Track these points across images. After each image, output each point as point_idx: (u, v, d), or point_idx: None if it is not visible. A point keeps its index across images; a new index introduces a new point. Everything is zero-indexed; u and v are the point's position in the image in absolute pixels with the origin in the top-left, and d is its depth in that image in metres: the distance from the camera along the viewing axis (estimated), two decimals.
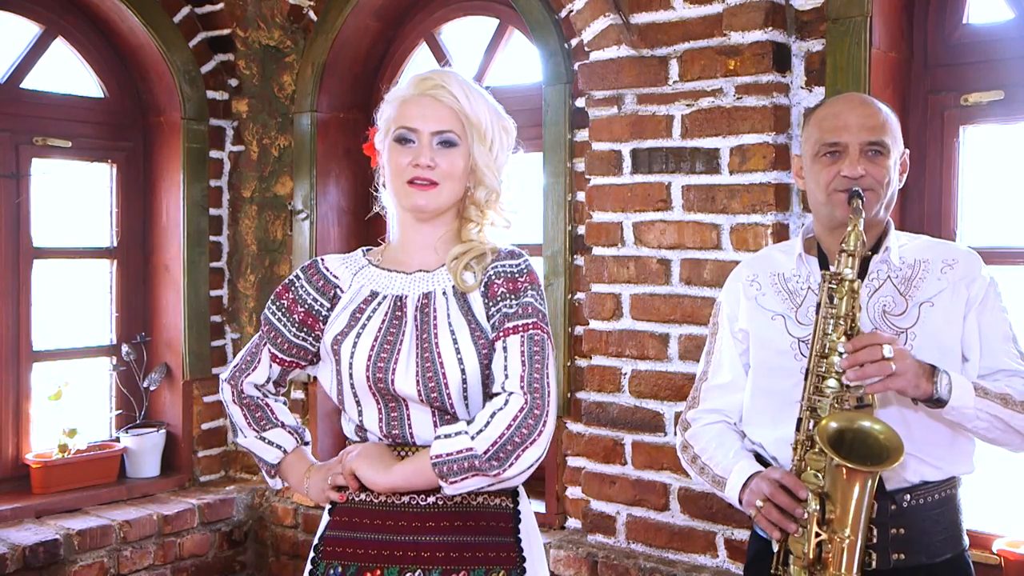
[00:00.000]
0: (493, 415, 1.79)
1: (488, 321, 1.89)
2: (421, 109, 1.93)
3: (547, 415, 1.81)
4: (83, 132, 4.04)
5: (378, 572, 1.88)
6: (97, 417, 4.13)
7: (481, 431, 1.77)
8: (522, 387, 1.81)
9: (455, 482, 1.78)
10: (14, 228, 3.83)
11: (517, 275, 1.92)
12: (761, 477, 1.97)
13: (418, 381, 1.86)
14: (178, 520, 3.85)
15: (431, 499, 1.88)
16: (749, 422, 2.15)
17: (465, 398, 1.88)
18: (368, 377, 1.89)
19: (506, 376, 1.83)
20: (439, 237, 1.98)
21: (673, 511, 3.07)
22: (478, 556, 1.88)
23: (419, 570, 1.86)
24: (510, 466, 1.77)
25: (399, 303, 1.94)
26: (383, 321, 1.93)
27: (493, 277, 1.91)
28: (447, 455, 1.78)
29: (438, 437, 1.81)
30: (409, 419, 1.90)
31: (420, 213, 1.95)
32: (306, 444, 2.14)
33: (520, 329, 1.86)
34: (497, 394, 1.82)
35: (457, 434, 1.79)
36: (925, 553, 1.98)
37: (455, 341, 1.87)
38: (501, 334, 1.86)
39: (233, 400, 2.11)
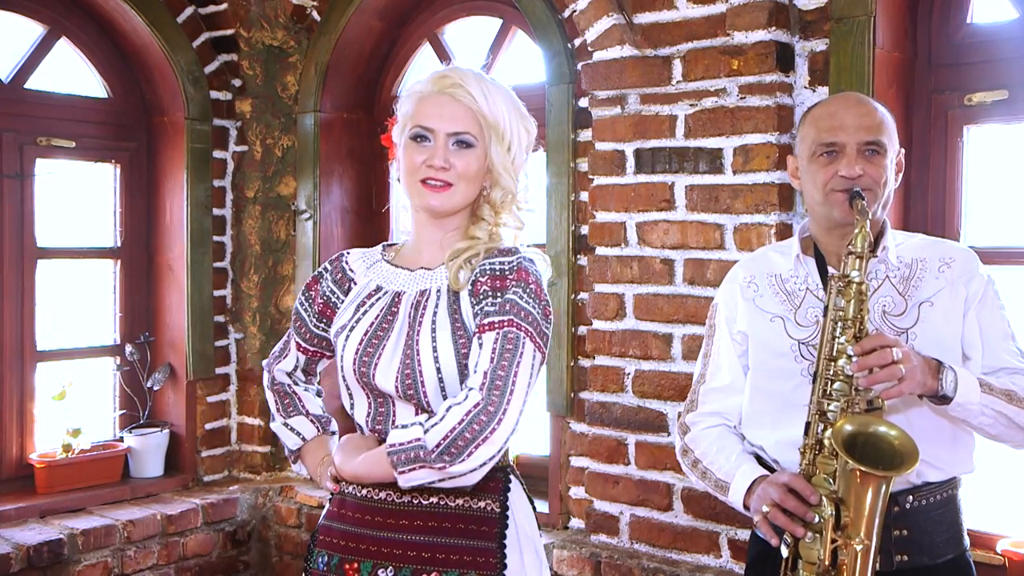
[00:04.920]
0: (449, 409, 1.76)
1: (474, 320, 1.88)
2: (438, 108, 1.91)
3: (504, 413, 1.74)
4: (87, 132, 4.04)
5: (355, 565, 1.90)
6: (101, 417, 4.13)
7: (436, 425, 1.75)
8: (483, 383, 1.76)
9: (404, 472, 1.76)
10: (18, 228, 3.83)
11: (506, 272, 1.87)
12: (768, 482, 1.94)
13: (397, 377, 1.87)
14: (182, 520, 3.86)
15: (406, 497, 1.88)
16: (749, 424, 2.14)
17: (443, 396, 1.86)
18: (354, 371, 1.92)
19: (474, 372, 1.80)
20: (448, 236, 1.98)
21: (676, 511, 3.07)
22: (452, 559, 1.85)
23: (391, 567, 1.87)
24: (460, 462, 1.73)
25: (396, 299, 1.95)
26: (377, 316, 1.95)
27: (479, 275, 1.89)
28: (399, 445, 1.76)
29: (395, 427, 1.81)
30: (394, 415, 1.91)
31: (433, 213, 1.95)
32: (332, 434, 2.16)
33: (496, 326, 1.81)
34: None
35: (412, 425, 1.78)
36: (927, 554, 1.98)
37: (434, 339, 1.86)
38: (478, 331, 1.83)
39: (268, 386, 2.20)
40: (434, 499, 1.87)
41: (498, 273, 1.87)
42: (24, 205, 3.84)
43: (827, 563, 1.81)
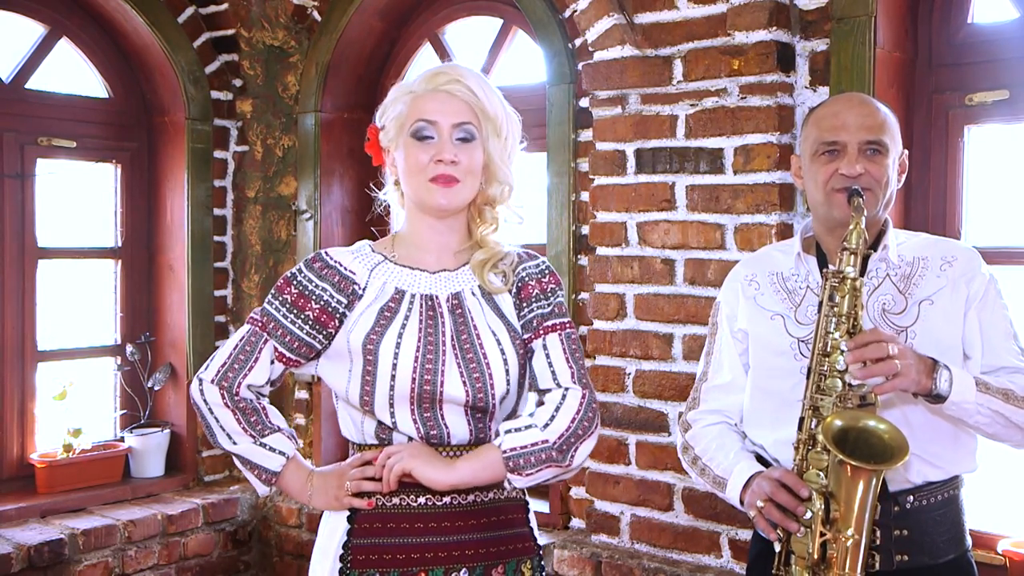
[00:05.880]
0: (557, 408, 1.85)
1: (519, 322, 1.93)
2: (438, 104, 1.89)
3: (599, 409, 1.91)
4: (88, 132, 4.04)
5: (423, 575, 1.86)
6: (101, 417, 4.14)
7: (548, 424, 1.83)
8: (574, 382, 1.88)
9: (530, 474, 1.82)
10: (19, 228, 3.83)
11: (541, 276, 1.97)
12: (762, 477, 1.96)
13: (464, 382, 1.85)
14: (182, 520, 3.86)
15: (471, 497, 1.89)
16: (749, 423, 2.15)
17: (504, 397, 1.90)
18: (414, 380, 1.83)
19: (554, 373, 1.89)
20: (454, 235, 1.97)
21: (677, 511, 3.07)
22: (509, 549, 1.92)
23: (464, 568, 1.87)
24: (572, 458, 1.83)
25: (430, 303, 1.91)
26: (420, 322, 1.88)
27: (526, 279, 1.95)
28: (521, 448, 1.82)
29: (508, 431, 1.84)
30: (444, 419, 1.88)
31: (440, 212, 1.92)
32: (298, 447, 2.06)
33: (558, 328, 1.92)
34: (547, 390, 1.88)
35: (528, 427, 1.83)
36: (928, 554, 1.98)
37: (499, 342, 1.89)
38: (540, 332, 1.91)
39: (224, 403, 1.91)
40: (491, 494, 1.91)
41: (538, 277, 1.97)
42: (25, 205, 3.85)
43: (816, 557, 1.82)
